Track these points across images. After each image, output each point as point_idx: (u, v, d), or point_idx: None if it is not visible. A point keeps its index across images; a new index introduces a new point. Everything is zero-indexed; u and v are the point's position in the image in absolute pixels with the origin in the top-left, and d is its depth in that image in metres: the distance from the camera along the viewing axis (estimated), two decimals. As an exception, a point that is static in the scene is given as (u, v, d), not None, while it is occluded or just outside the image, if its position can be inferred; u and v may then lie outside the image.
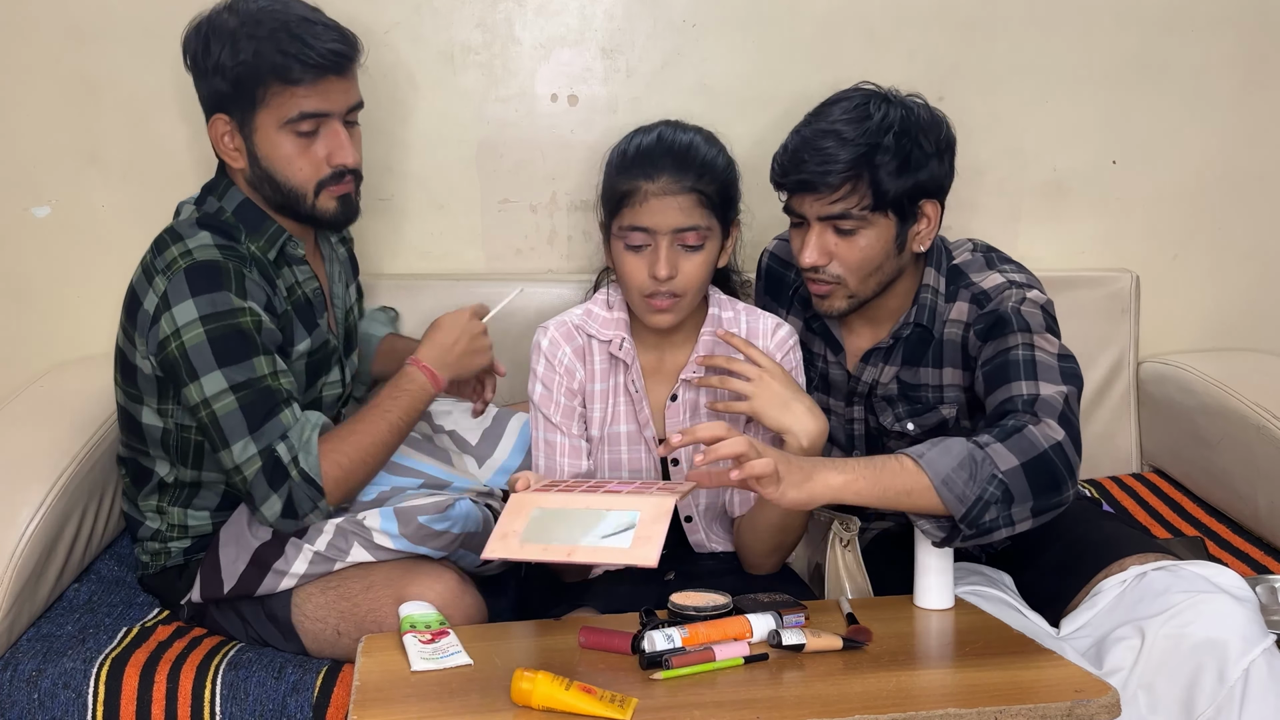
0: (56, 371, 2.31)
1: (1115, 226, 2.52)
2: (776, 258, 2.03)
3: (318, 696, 1.67)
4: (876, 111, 1.72)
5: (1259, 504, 2.20)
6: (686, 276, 1.71)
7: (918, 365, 1.86)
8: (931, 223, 1.78)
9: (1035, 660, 1.47)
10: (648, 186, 1.69)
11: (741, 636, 1.49)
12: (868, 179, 1.70)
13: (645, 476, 1.83)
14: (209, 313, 1.68)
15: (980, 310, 1.80)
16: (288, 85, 1.72)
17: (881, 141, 1.69)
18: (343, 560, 1.74)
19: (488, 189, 2.42)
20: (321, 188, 1.79)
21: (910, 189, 1.72)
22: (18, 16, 2.28)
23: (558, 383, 1.80)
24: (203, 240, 1.73)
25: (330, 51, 1.73)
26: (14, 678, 1.70)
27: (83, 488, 1.95)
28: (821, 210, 1.72)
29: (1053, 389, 1.67)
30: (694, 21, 2.38)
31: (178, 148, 2.33)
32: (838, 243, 1.75)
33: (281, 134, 1.75)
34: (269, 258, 1.81)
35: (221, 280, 1.70)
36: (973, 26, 2.41)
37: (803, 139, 1.74)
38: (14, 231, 2.36)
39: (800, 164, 1.72)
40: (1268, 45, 2.48)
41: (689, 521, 1.86)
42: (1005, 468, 1.58)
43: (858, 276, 1.76)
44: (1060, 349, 1.74)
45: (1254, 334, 2.59)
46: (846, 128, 1.71)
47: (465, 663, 1.46)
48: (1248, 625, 1.58)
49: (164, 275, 1.71)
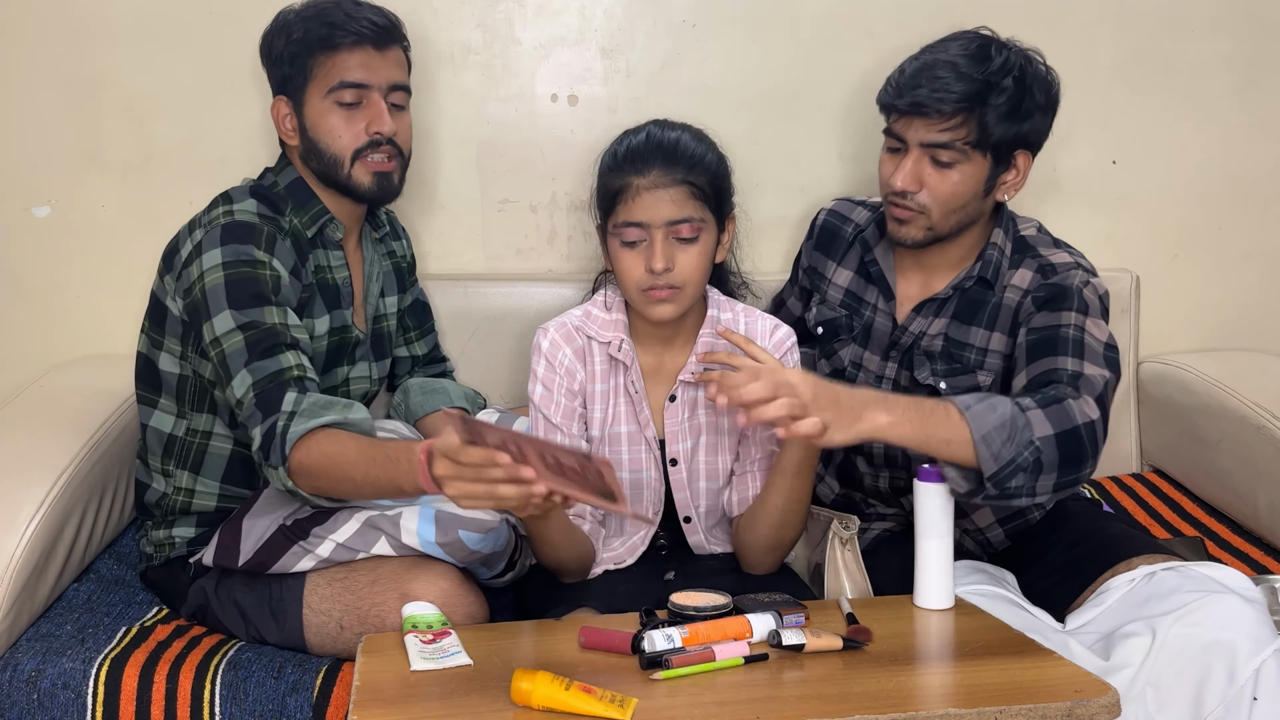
0: (56, 371, 2.31)
1: (1115, 226, 2.51)
2: (836, 213, 2.05)
3: (317, 696, 1.67)
4: (998, 55, 1.77)
5: (1259, 504, 2.20)
6: (684, 269, 1.72)
7: (969, 324, 1.88)
8: (1020, 174, 1.83)
9: (1035, 660, 1.47)
10: (639, 181, 1.71)
11: (741, 636, 1.49)
12: (977, 115, 1.75)
13: (646, 476, 1.83)
14: (231, 259, 1.77)
15: (1044, 280, 1.84)
16: (330, 54, 1.85)
17: (999, 82, 1.75)
18: (364, 553, 1.74)
19: (488, 189, 2.42)
20: (358, 156, 1.88)
21: (1012, 135, 1.78)
22: (18, 16, 2.28)
23: (558, 383, 1.80)
24: (247, 205, 1.85)
25: (368, 21, 1.86)
26: (14, 677, 1.70)
27: (83, 488, 1.95)
28: (926, 136, 1.77)
29: (1096, 371, 1.72)
30: (694, 21, 2.38)
31: (178, 148, 2.34)
32: (931, 173, 1.79)
33: (326, 103, 1.86)
34: (307, 234, 1.91)
35: (252, 237, 1.80)
36: (972, 27, 2.41)
37: (922, 64, 1.79)
38: (14, 231, 2.35)
39: (916, 87, 1.76)
40: (1267, 45, 2.48)
41: (688, 523, 1.86)
42: (1041, 434, 1.62)
43: (942, 210, 1.81)
44: (1109, 338, 1.78)
45: (1254, 334, 2.59)
46: (965, 61, 1.76)
47: (465, 663, 1.46)
48: (1258, 626, 1.58)
49: (204, 228, 1.82)
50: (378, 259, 2.08)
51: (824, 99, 2.42)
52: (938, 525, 1.63)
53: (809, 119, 2.43)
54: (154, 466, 1.94)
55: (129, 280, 2.36)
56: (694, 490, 1.84)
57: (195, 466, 1.91)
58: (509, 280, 2.41)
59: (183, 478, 1.91)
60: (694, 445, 1.84)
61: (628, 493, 1.81)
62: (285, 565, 1.76)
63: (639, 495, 1.84)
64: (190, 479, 1.91)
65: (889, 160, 1.84)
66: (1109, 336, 1.79)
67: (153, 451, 1.94)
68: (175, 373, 1.89)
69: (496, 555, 1.80)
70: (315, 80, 1.87)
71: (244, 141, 2.32)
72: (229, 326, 1.74)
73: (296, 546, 1.75)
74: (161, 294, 1.88)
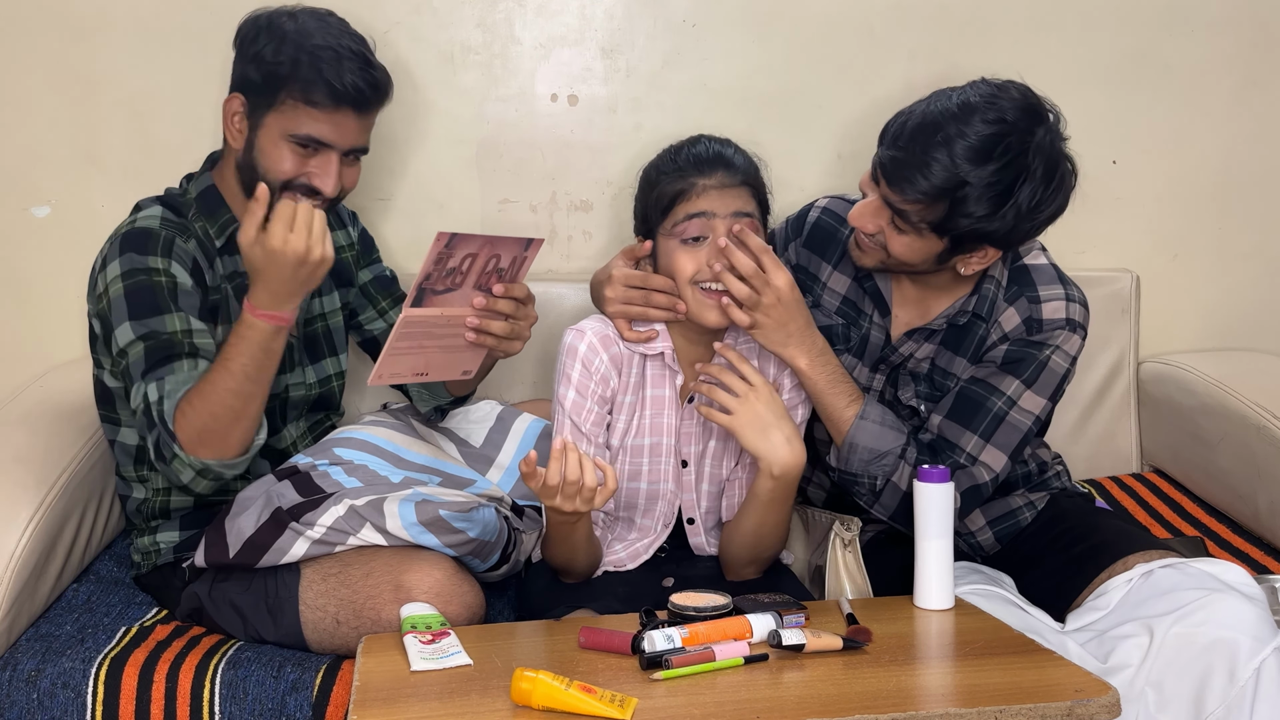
0: (56, 371, 2.31)
1: (1115, 226, 2.51)
2: (831, 213, 1.97)
3: (317, 695, 1.67)
4: (1000, 157, 1.63)
5: (1259, 504, 2.20)
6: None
7: (955, 353, 1.86)
8: (985, 260, 1.76)
9: (1035, 660, 1.47)
10: (705, 182, 1.72)
11: (741, 636, 1.49)
12: (945, 204, 1.66)
13: (664, 487, 1.83)
14: (128, 269, 1.77)
15: (1026, 336, 1.81)
16: (305, 104, 1.79)
17: (981, 191, 1.64)
18: (349, 541, 1.74)
19: (488, 189, 2.42)
20: (286, 188, 1.81)
21: (979, 234, 1.69)
22: (17, 16, 2.28)
23: (592, 390, 1.77)
24: (150, 212, 1.85)
25: (355, 86, 1.79)
26: (13, 677, 1.70)
27: (83, 488, 1.95)
28: (889, 195, 1.70)
29: (1000, 459, 1.81)
30: (694, 21, 2.38)
31: (178, 148, 2.33)
32: (889, 229, 1.73)
33: (283, 143, 1.81)
34: (215, 242, 1.87)
35: (148, 244, 1.79)
36: (972, 26, 2.41)
37: (925, 124, 1.66)
38: (14, 231, 2.35)
39: (900, 149, 1.67)
40: (1268, 45, 2.48)
41: (691, 524, 1.87)
42: (895, 481, 1.79)
43: (897, 261, 1.77)
44: (1042, 413, 1.82)
45: (1254, 334, 2.59)
46: (962, 149, 1.63)
47: (465, 663, 1.46)
48: (1259, 624, 1.58)
49: (109, 241, 1.83)
50: None
51: (824, 99, 2.42)
52: (938, 526, 1.63)
53: (809, 119, 2.43)
54: (129, 476, 1.93)
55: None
56: (700, 493, 1.85)
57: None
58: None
59: (158, 479, 1.90)
60: (704, 449, 1.84)
61: (641, 503, 1.84)
62: (279, 552, 1.75)
63: (653, 506, 1.84)
64: (164, 479, 1.88)
65: (868, 182, 1.76)
66: (1042, 410, 1.82)
67: (124, 464, 1.93)
68: (118, 385, 1.87)
69: (489, 545, 1.79)
70: (280, 112, 1.80)
71: (244, 141, 2.32)
72: (129, 338, 1.73)
73: (287, 531, 1.74)
74: (90, 316, 1.86)
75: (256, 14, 1.86)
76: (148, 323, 1.74)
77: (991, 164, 1.63)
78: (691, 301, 1.74)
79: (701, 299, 1.73)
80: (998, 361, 1.81)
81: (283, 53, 1.79)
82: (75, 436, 1.99)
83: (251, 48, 1.83)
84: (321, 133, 1.80)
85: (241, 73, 1.85)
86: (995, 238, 1.70)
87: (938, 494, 1.63)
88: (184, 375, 1.72)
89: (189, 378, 1.72)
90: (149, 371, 1.72)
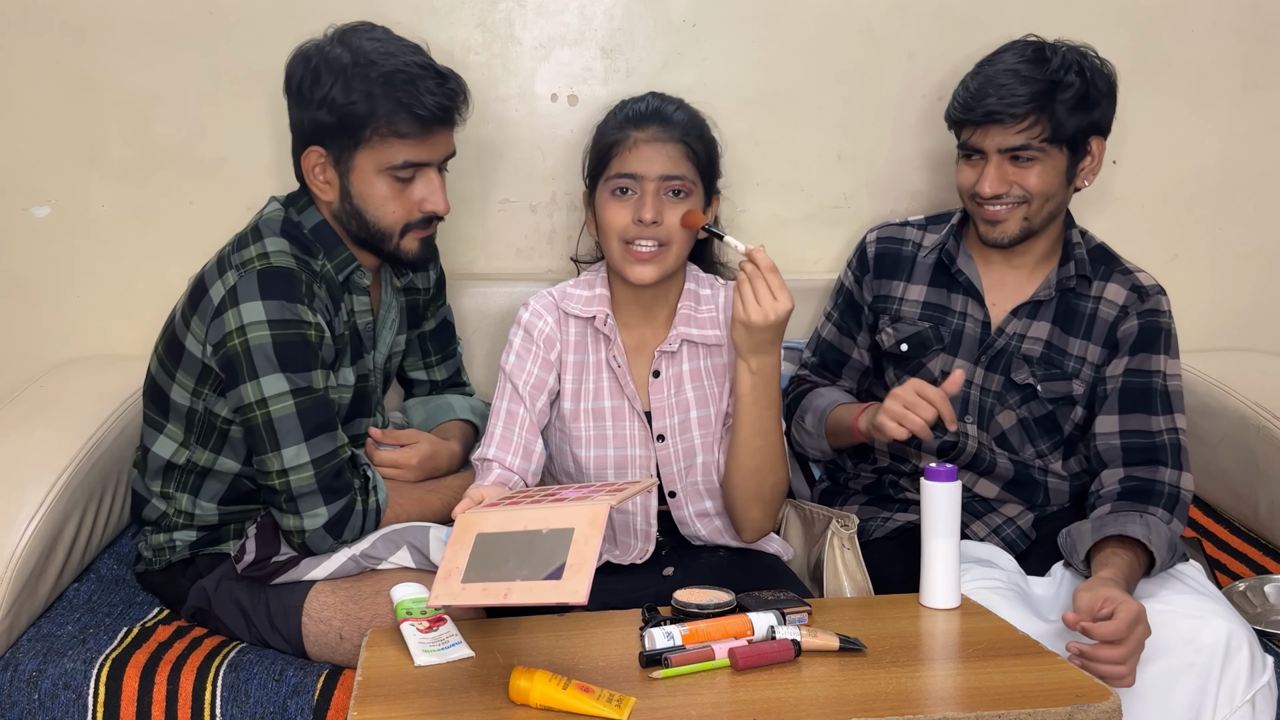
0: (56, 371, 2.31)
1: (1115, 226, 2.51)
2: (886, 239, 2.07)
3: (318, 699, 1.67)
4: (1053, 56, 1.86)
5: (1259, 504, 2.20)
6: (670, 225, 1.74)
7: (1069, 333, 1.94)
8: (1096, 159, 1.92)
9: (1037, 663, 1.47)
10: (637, 134, 1.76)
11: (742, 635, 1.49)
12: (1048, 113, 1.84)
13: (633, 453, 1.83)
14: (277, 318, 1.69)
15: (1141, 303, 1.95)
16: (394, 136, 1.74)
17: (1063, 79, 1.84)
18: (380, 565, 1.75)
19: (488, 189, 2.42)
20: (408, 230, 1.81)
21: (1085, 125, 1.88)
22: (18, 16, 2.28)
23: (534, 353, 1.81)
24: (280, 246, 1.76)
25: (440, 106, 1.75)
26: (14, 678, 1.70)
27: (83, 488, 1.95)
28: (1002, 141, 1.86)
29: (1178, 426, 1.91)
30: (694, 21, 2.38)
31: (178, 148, 2.34)
32: (1015, 172, 1.87)
33: (380, 177, 1.76)
34: (339, 280, 1.82)
35: (293, 290, 1.72)
36: (973, 26, 2.41)
37: (984, 77, 1.88)
38: (14, 231, 2.35)
39: (985, 98, 1.86)
40: (1268, 45, 2.48)
41: (673, 497, 1.85)
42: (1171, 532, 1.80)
43: (1039, 200, 1.88)
44: (1177, 369, 1.96)
45: (1254, 334, 2.59)
46: (1025, 67, 1.86)
47: (467, 654, 1.47)
48: (1250, 642, 1.61)
49: (237, 271, 1.73)
50: (391, 298, 1.97)
51: (824, 99, 2.42)
52: (945, 524, 1.63)
53: (809, 119, 2.43)
54: (154, 490, 1.89)
55: (129, 280, 2.36)
56: (683, 466, 1.84)
57: (194, 490, 1.87)
58: (509, 280, 2.41)
59: (182, 500, 1.87)
60: (682, 420, 1.83)
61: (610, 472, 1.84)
62: (314, 560, 1.76)
63: (624, 473, 1.84)
64: (190, 502, 1.87)
65: (968, 170, 1.92)
66: (1179, 369, 1.97)
67: (152, 475, 1.89)
68: (186, 405, 1.82)
69: None
70: (369, 149, 1.74)
71: (244, 141, 2.32)
72: (280, 390, 1.68)
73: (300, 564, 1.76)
74: (182, 333, 1.78)
75: (303, 53, 1.76)
76: (303, 376, 1.70)
77: (1051, 61, 1.86)
78: (620, 260, 1.77)
79: (625, 253, 1.75)
80: (1135, 342, 1.92)
81: (353, 90, 1.71)
82: (75, 436, 1.99)
83: (315, 91, 1.72)
84: (418, 155, 1.76)
85: (311, 120, 1.75)
86: (1098, 123, 1.90)
87: (945, 492, 1.63)
88: (336, 446, 1.73)
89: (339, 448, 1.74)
90: (309, 437, 1.70)
